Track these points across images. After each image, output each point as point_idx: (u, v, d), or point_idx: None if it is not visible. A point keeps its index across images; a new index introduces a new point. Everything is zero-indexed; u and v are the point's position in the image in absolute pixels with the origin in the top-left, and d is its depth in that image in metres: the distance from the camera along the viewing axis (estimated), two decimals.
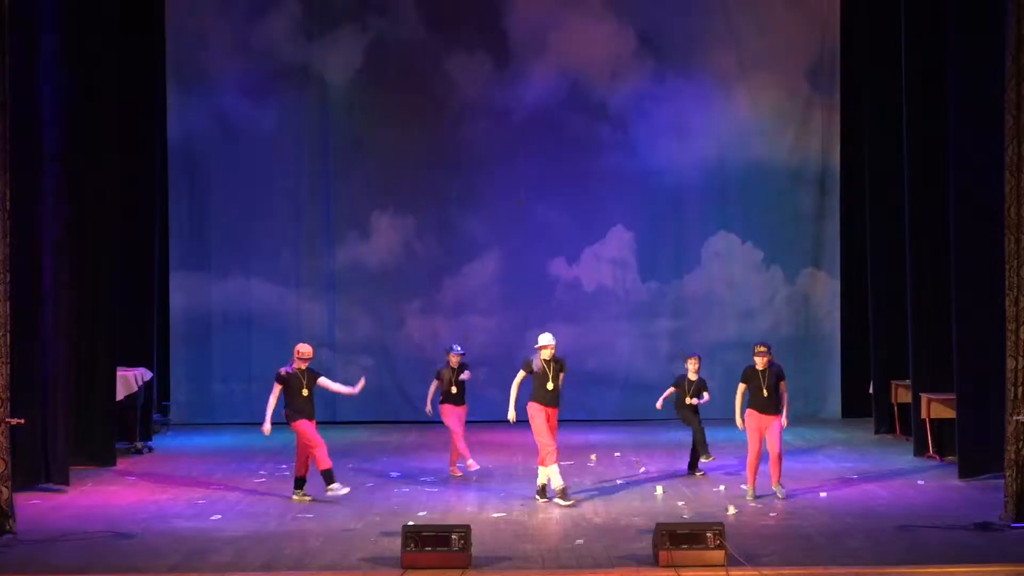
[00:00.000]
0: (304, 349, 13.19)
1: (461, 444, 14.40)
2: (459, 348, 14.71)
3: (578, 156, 19.71)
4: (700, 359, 14.66)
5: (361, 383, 13.46)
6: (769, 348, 13.09)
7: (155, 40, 18.16)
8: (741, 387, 13.09)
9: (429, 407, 14.60)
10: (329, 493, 12.88)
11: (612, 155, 19.76)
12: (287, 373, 13.08)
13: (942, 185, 14.76)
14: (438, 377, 14.53)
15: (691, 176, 19.80)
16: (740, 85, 19.82)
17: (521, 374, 13.00)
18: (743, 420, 13.09)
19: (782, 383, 13.01)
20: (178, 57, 19.26)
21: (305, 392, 13.03)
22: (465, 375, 14.50)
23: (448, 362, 14.49)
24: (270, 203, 19.54)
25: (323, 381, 13.21)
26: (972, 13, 13.66)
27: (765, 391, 12.93)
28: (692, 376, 14.49)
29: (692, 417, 14.41)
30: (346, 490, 12.96)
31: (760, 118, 19.82)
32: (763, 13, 19.81)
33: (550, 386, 12.85)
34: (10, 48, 11.69)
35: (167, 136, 19.09)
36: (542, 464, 12.89)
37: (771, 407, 12.96)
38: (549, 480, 12.86)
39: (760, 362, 12.96)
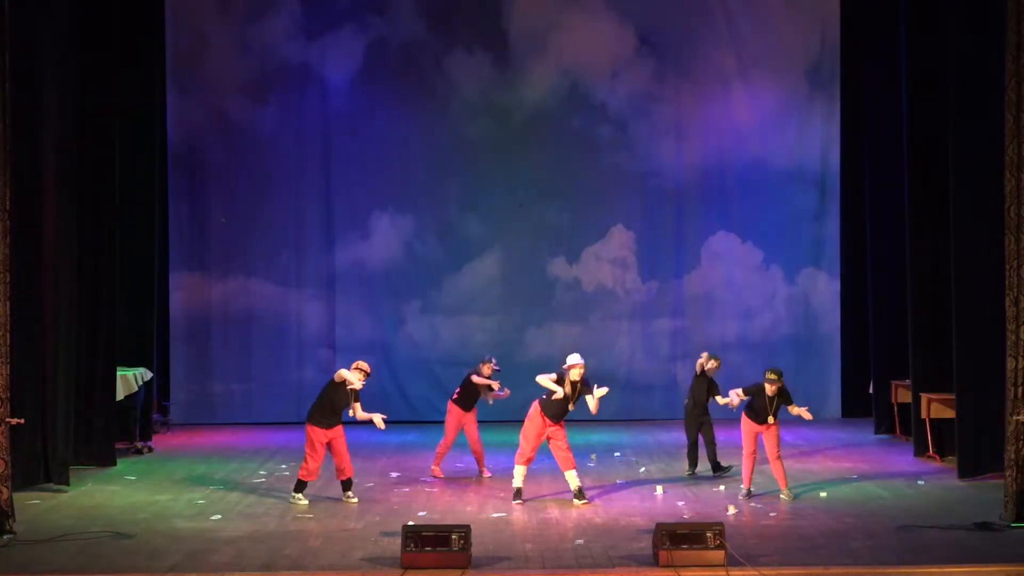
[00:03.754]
0: (364, 365, 12.84)
1: (444, 449, 14.49)
2: (495, 365, 14.37)
3: (578, 156, 19.69)
4: (710, 358, 14.54)
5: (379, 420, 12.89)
6: (781, 375, 13.00)
7: (155, 39, 18.13)
8: (744, 394, 13.05)
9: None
10: (292, 501, 12.73)
11: (612, 155, 19.74)
12: (346, 386, 12.67)
13: (942, 185, 14.75)
14: (471, 376, 14.36)
15: (691, 176, 19.80)
16: (740, 85, 19.80)
17: (553, 376, 12.76)
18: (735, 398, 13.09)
19: (791, 406, 12.99)
20: (178, 57, 19.25)
21: (350, 413, 12.75)
22: (499, 392, 14.25)
23: (479, 370, 14.31)
24: (270, 203, 19.54)
25: (356, 408, 12.83)
26: (972, 13, 13.66)
27: (771, 418, 12.92)
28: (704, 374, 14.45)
29: (708, 430, 14.35)
30: (306, 503, 12.66)
31: (760, 118, 19.80)
32: (763, 13, 19.79)
33: (569, 406, 12.78)
34: (10, 47, 11.69)
35: (167, 136, 19.08)
36: (516, 462, 12.96)
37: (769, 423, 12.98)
38: (567, 481, 12.89)
39: (771, 389, 12.90)
